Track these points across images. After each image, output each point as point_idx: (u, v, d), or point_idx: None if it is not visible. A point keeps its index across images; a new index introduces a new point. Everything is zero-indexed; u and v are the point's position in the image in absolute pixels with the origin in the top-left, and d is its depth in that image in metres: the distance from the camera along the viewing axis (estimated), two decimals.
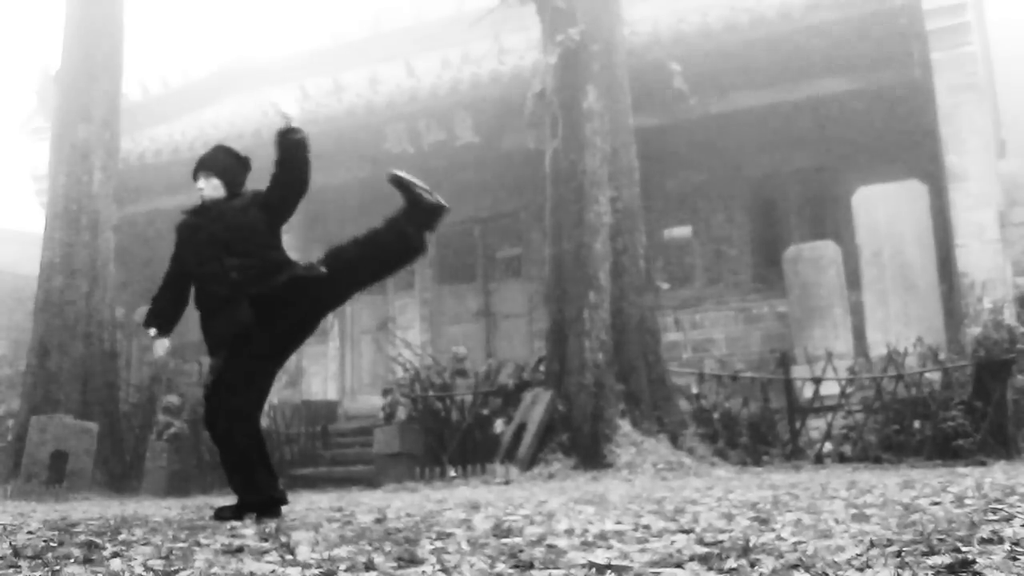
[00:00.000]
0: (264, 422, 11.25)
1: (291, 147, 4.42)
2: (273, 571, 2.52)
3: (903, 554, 2.35)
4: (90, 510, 6.20)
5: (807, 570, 2.24)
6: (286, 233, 4.90)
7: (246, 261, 4.40)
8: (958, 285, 9.77)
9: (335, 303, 4.73)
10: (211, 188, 4.60)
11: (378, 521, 4.04)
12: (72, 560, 2.75)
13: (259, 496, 4.34)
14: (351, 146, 13.08)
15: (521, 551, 2.72)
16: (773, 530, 3.04)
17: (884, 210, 10.00)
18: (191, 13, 34.20)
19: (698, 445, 8.86)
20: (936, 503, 3.71)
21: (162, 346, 4.77)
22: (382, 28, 16.96)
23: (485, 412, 9.61)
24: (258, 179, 4.62)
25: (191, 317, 4.65)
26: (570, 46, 9.50)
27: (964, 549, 2.36)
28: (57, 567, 2.61)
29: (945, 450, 8.12)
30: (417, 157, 12.57)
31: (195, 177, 4.66)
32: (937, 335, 9.52)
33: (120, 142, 11.97)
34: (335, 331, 14.46)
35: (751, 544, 2.63)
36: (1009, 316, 8.94)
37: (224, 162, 4.67)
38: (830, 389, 9.05)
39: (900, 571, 2.16)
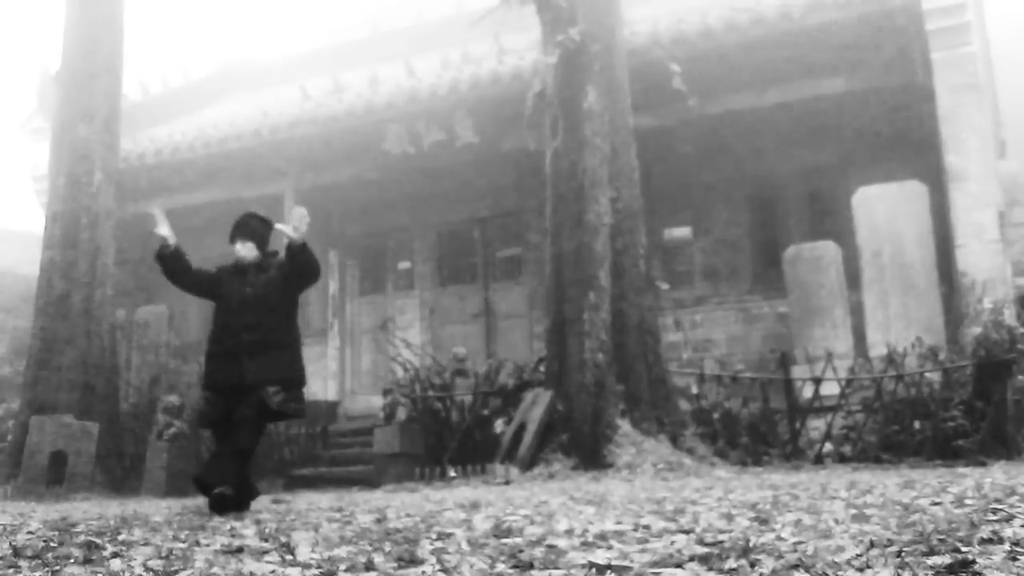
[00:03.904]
0: None
1: (301, 256, 5.39)
2: (273, 571, 2.52)
3: (903, 554, 2.35)
4: (90, 510, 6.20)
5: (807, 570, 2.24)
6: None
7: (261, 332, 5.41)
8: (958, 285, 9.77)
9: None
10: (247, 251, 5.61)
11: (378, 521, 4.04)
12: (72, 560, 2.75)
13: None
14: (351, 146, 13.08)
15: (521, 551, 2.72)
16: (773, 530, 3.04)
17: (884, 210, 9.99)
18: (191, 13, 34.21)
19: (698, 445, 8.86)
20: (936, 503, 3.71)
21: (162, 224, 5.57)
22: (382, 28, 16.97)
23: (485, 412, 9.61)
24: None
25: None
26: (570, 46, 9.50)
27: (964, 549, 2.36)
28: (57, 567, 2.61)
29: (945, 450, 8.12)
30: (417, 157, 12.57)
31: (232, 240, 5.62)
32: (937, 335, 9.51)
33: (120, 142, 11.96)
34: (335, 331, 14.47)
35: (751, 544, 2.63)
36: (1009, 316, 8.94)
37: (255, 228, 5.68)
38: (830, 389, 9.05)
39: (900, 571, 2.16)
